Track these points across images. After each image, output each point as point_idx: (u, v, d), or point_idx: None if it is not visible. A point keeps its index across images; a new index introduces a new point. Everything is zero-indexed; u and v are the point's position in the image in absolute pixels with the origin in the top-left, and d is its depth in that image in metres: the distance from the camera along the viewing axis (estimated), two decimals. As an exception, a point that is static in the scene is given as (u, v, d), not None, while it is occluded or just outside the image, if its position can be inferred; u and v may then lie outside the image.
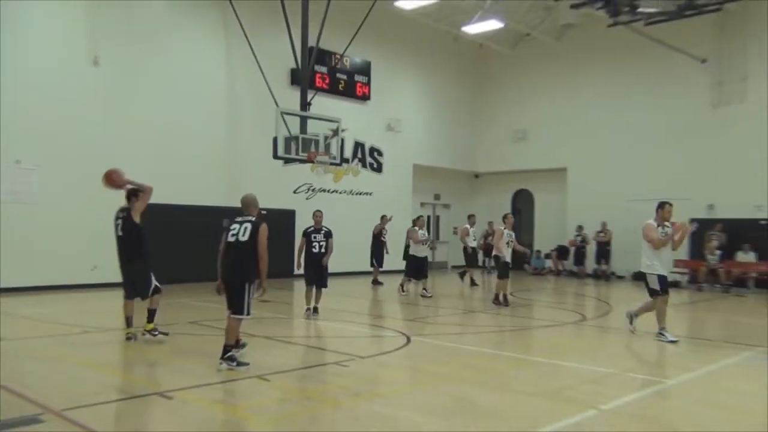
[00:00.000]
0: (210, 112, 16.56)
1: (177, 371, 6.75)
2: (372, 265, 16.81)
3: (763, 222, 17.62)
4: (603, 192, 20.51)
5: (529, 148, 22.91)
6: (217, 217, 16.36)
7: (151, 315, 8.12)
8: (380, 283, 16.57)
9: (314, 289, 10.70)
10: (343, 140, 16.97)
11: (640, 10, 16.21)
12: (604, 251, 19.89)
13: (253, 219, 7.16)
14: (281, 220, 17.62)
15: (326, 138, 15.72)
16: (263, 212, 17.54)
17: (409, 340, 8.53)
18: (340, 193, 19.50)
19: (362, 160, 20.32)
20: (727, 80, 18.45)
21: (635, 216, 19.82)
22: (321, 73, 18.44)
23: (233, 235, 7.12)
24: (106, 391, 5.82)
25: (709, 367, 7.30)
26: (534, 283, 18.60)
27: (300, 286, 16.29)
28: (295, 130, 14.99)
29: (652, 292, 9.00)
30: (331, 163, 16.48)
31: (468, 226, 17.36)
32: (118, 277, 14.57)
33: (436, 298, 14.68)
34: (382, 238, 16.86)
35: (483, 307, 13.03)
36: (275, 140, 14.86)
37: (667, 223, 8.99)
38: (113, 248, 14.61)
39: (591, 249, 20.37)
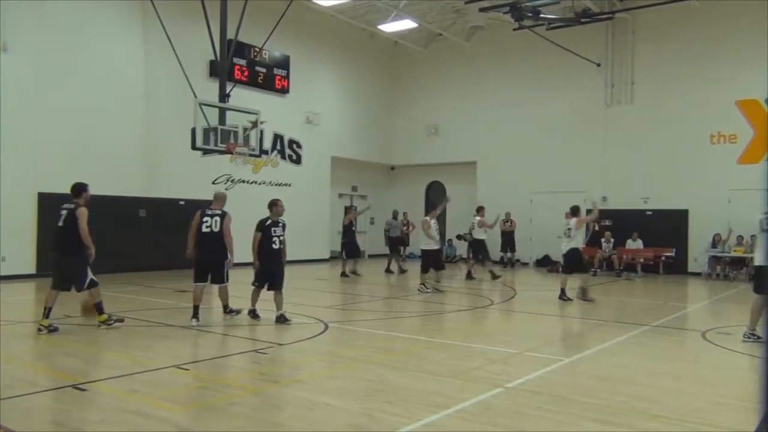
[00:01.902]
0: (128, 102, 16.36)
1: (91, 363, 6.68)
2: (342, 257, 16.65)
3: (648, 213, 19.43)
4: (509, 184, 21.82)
5: (441, 143, 23.93)
6: (135, 207, 16.36)
7: (99, 307, 8.32)
8: (347, 276, 16.19)
9: (265, 290, 9.31)
10: (262, 132, 17.25)
11: (542, 15, 17.40)
12: (509, 240, 21.02)
13: (220, 212, 9.07)
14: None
15: (245, 129, 15.94)
16: (181, 203, 17.57)
17: (326, 326, 8.82)
18: (260, 184, 19.71)
19: (281, 152, 20.60)
20: (618, 83, 20.15)
21: (538, 207, 21.49)
22: (240, 65, 18.55)
23: (207, 226, 8.98)
24: (17, 384, 5.61)
25: (602, 345, 7.99)
26: (446, 271, 19.55)
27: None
28: (214, 121, 15.14)
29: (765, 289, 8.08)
30: (250, 155, 16.73)
31: (479, 217, 16.70)
32: (27, 269, 14.35)
33: (355, 284, 15.26)
34: (353, 228, 16.86)
35: (399, 294, 13.68)
36: (194, 131, 14.95)
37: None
38: (21, 240, 14.35)
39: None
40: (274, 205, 9.54)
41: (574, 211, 12.42)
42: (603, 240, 19.10)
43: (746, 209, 17.01)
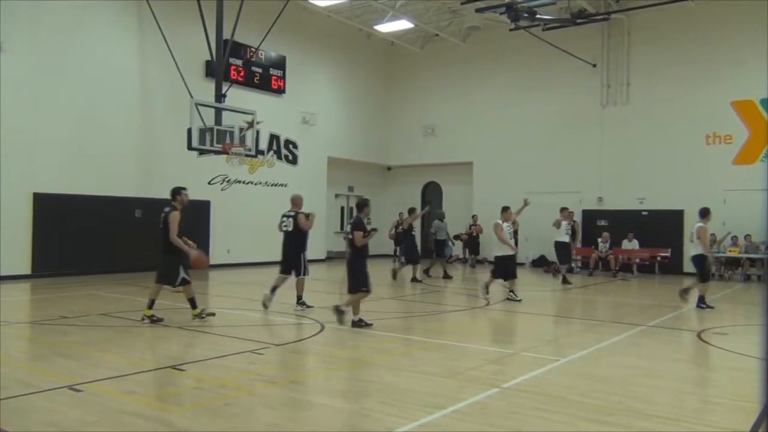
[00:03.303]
0: (123, 102, 16.31)
1: (87, 363, 6.61)
2: (400, 261, 15.86)
3: (644, 213, 19.47)
4: (506, 184, 21.81)
5: (437, 143, 23.96)
6: (130, 207, 16.31)
7: (192, 303, 8.99)
8: (419, 281, 15.45)
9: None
10: (258, 132, 17.27)
11: (538, 16, 17.43)
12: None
13: (294, 214, 10.33)
14: (196, 211, 17.65)
15: (241, 130, 15.94)
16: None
17: (323, 327, 8.80)
18: (256, 184, 19.69)
19: (277, 152, 20.58)
20: (613, 83, 20.23)
21: (534, 208, 21.31)
22: (236, 65, 18.52)
23: (285, 226, 10.33)
24: (12, 385, 5.55)
25: (599, 345, 8.03)
26: (442, 270, 19.56)
27: (216, 276, 16.50)
28: (210, 121, 15.14)
29: None
30: (246, 155, 16.73)
31: (560, 218, 15.90)
32: (22, 270, 14.31)
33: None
34: (413, 233, 15.94)
35: (395, 294, 13.68)
36: (189, 131, 14.97)
37: None
38: (17, 241, 14.32)
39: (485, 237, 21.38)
40: (366, 205, 9.07)
41: (702, 214, 11.58)
42: (600, 240, 19.15)
43: (741, 210, 17.12)
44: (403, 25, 20.95)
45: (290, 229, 10.24)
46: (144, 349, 7.26)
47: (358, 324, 8.76)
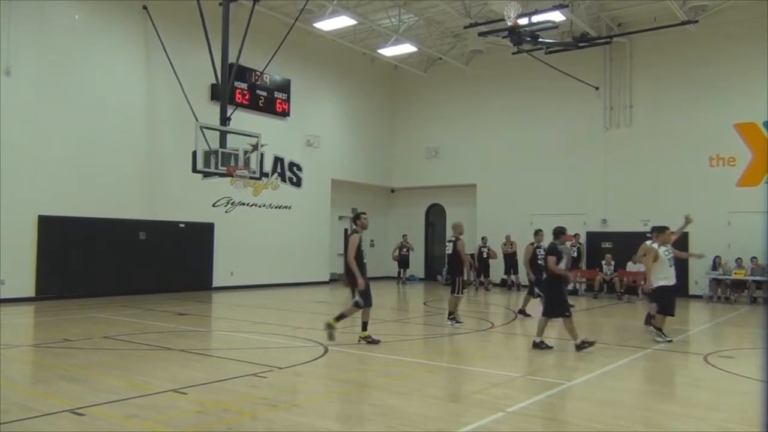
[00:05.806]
0: (129, 125, 16.41)
1: (89, 387, 6.56)
2: (531, 293, 13.43)
3: (649, 235, 19.34)
4: (509, 206, 21.83)
5: (441, 165, 24.02)
6: (135, 229, 16.35)
7: (363, 325, 9.47)
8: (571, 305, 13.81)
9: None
10: (262, 155, 17.32)
11: (540, 40, 17.55)
12: (511, 263, 20.88)
13: (454, 239, 11.60)
14: (200, 233, 17.72)
15: (246, 152, 16.01)
16: (181, 225, 17.63)
17: (326, 350, 8.76)
18: (260, 206, 19.72)
19: (281, 175, 20.65)
20: (616, 106, 20.30)
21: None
22: (241, 89, 18.68)
23: (447, 250, 11.88)
24: (13, 409, 5.53)
25: (604, 368, 7.96)
26: (446, 293, 19.45)
27: (218, 298, 16.47)
28: (215, 144, 15.22)
29: None
30: (251, 177, 16.78)
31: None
32: (26, 293, 14.30)
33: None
34: (539, 261, 12.62)
35: (394, 317, 13.62)
36: (194, 154, 15.04)
37: None
38: (21, 264, 14.33)
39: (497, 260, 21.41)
40: (562, 232, 9.44)
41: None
42: (603, 262, 19.07)
43: (746, 232, 17.04)
44: (406, 48, 21.14)
45: (450, 252, 11.71)
46: (146, 373, 7.22)
47: (581, 346, 8.82)
